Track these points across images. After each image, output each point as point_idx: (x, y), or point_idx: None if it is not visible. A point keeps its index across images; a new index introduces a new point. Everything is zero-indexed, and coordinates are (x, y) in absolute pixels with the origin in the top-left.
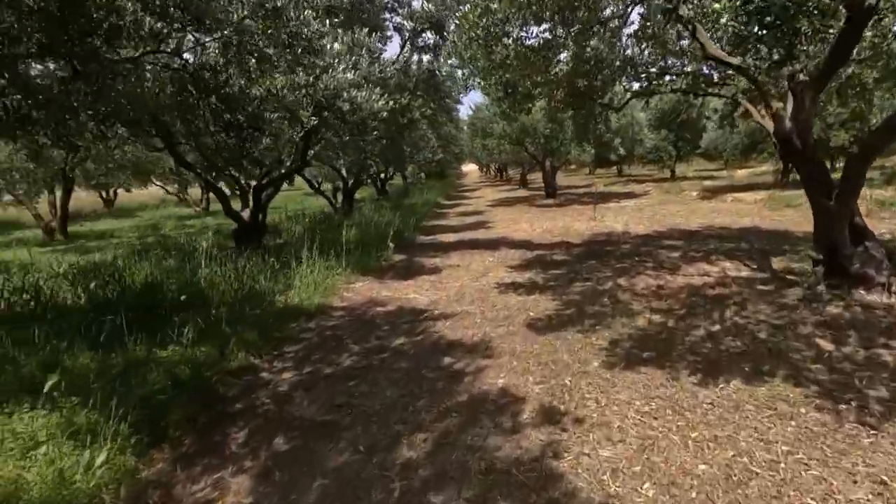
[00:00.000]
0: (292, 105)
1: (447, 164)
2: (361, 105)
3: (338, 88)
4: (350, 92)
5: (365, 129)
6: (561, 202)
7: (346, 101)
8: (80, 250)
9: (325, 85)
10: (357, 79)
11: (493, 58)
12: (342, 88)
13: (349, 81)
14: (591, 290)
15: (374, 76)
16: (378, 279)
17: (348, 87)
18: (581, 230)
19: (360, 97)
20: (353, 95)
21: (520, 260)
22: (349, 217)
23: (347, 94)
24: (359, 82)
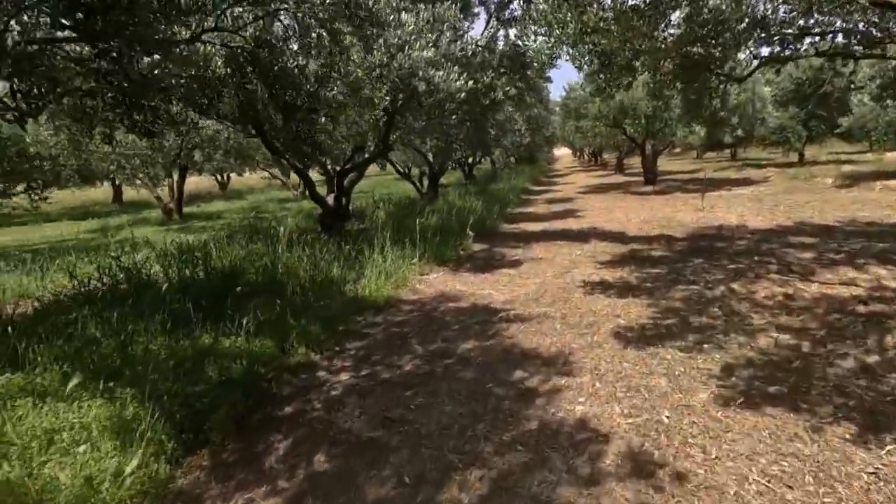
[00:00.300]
0: (357, 84)
1: (537, 149)
2: (439, 85)
3: (413, 67)
4: (427, 71)
5: (442, 111)
6: (662, 189)
7: (421, 81)
8: (190, 230)
9: (400, 64)
10: (435, 57)
11: (586, 20)
12: (418, 67)
13: (426, 60)
14: (696, 296)
15: (455, 54)
16: (454, 270)
17: (425, 66)
18: (685, 222)
19: (437, 77)
20: (431, 75)
21: (611, 255)
22: (433, 203)
23: (423, 73)
24: (437, 61)
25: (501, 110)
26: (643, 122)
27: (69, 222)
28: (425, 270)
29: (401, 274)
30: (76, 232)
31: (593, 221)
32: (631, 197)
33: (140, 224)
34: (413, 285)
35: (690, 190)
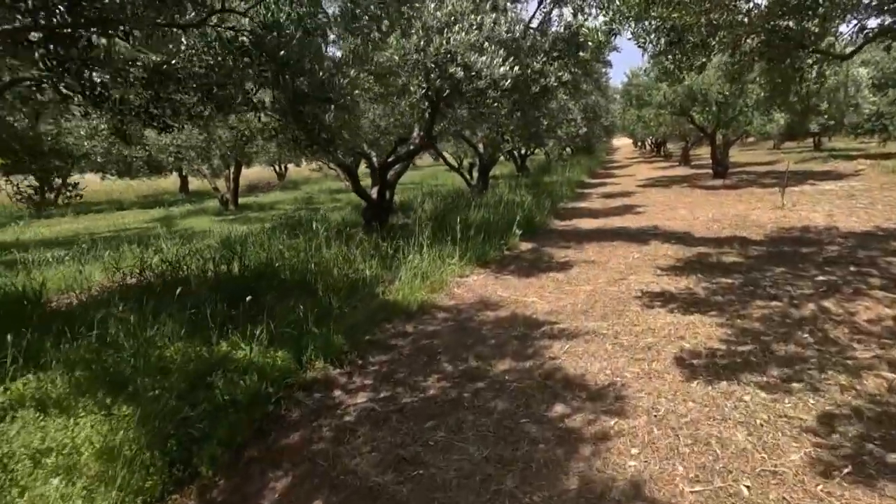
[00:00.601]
0: (386, 70)
1: (595, 139)
2: (481, 72)
3: (452, 52)
4: (467, 56)
5: (484, 100)
6: (733, 184)
7: (459, 67)
8: (243, 220)
9: (436, 48)
10: (477, 40)
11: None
12: (457, 52)
13: (466, 43)
14: (780, 316)
15: (500, 36)
16: (496, 272)
17: (465, 50)
18: (762, 221)
19: (479, 63)
20: (473, 61)
21: (674, 259)
22: (482, 195)
23: (463, 58)
24: (479, 45)
25: (554, 98)
26: (714, 110)
27: (138, 211)
28: (465, 272)
29: (438, 276)
30: (141, 221)
31: (654, 219)
32: (698, 192)
33: (198, 214)
34: (450, 289)
35: (767, 185)
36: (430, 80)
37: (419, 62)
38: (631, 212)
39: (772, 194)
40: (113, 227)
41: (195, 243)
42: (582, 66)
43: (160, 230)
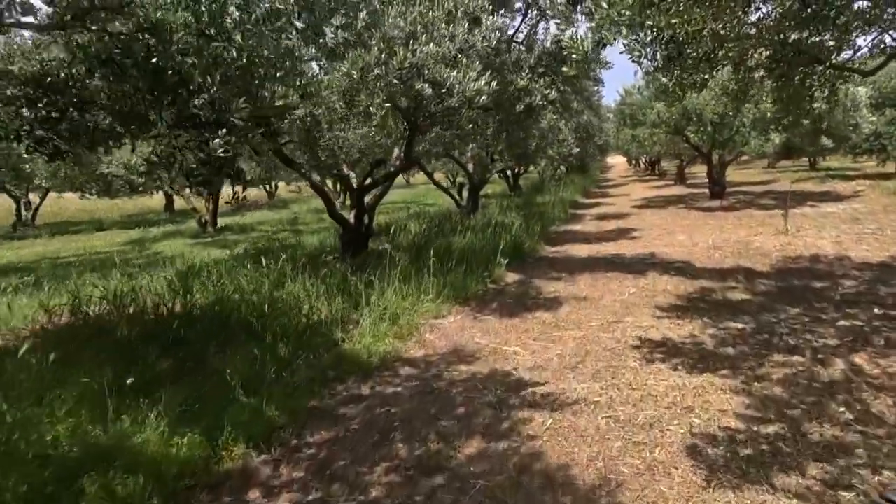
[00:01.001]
0: (342, 87)
1: (589, 157)
2: (452, 88)
3: (417, 66)
4: (437, 70)
5: (457, 119)
6: (731, 205)
7: (426, 83)
8: (219, 244)
9: (399, 62)
10: (448, 52)
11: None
12: (424, 65)
13: (434, 55)
14: (805, 377)
15: (476, 47)
16: (477, 311)
17: (433, 63)
18: (766, 249)
19: (451, 77)
20: (444, 76)
21: (675, 295)
22: (471, 217)
23: (430, 72)
24: (451, 57)
25: (542, 118)
26: (709, 130)
27: (118, 231)
28: (442, 311)
29: (409, 318)
30: (114, 243)
31: (651, 245)
32: (695, 213)
33: (174, 236)
34: (422, 334)
35: (766, 206)
36: (393, 98)
37: (380, 77)
38: (626, 236)
39: (772, 217)
40: (82, 251)
41: (155, 272)
42: (570, 83)
43: (129, 255)
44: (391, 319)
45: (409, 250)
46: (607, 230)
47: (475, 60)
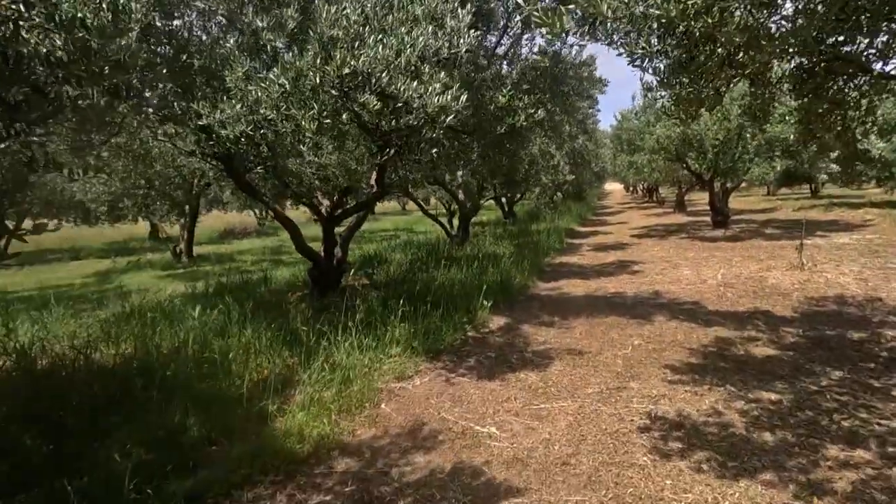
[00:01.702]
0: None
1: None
2: (410, 102)
3: (363, 73)
4: (393, 80)
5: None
6: (736, 234)
7: (374, 95)
8: (189, 276)
9: (337, 66)
10: (408, 60)
11: None
12: (371, 73)
13: (384, 61)
14: (882, 486)
15: (441, 53)
16: (450, 370)
17: (385, 71)
18: (784, 287)
19: (409, 90)
20: (399, 87)
21: (686, 349)
22: (461, 247)
23: (378, 82)
24: (410, 65)
25: (529, 141)
26: (711, 157)
27: (93, 260)
28: (407, 370)
29: (365, 381)
30: (77, 276)
31: (654, 281)
32: (699, 244)
33: (145, 267)
34: (377, 405)
35: (773, 236)
36: (332, 112)
37: (316, 88)
38: (626, 270)
39: (782, 248)
40: (41, 285)
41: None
42: (560, 101)
43: (89, 288)
44: (342, 383)
45: (387, 287)
46: (606, 263)
47: (440, 71)
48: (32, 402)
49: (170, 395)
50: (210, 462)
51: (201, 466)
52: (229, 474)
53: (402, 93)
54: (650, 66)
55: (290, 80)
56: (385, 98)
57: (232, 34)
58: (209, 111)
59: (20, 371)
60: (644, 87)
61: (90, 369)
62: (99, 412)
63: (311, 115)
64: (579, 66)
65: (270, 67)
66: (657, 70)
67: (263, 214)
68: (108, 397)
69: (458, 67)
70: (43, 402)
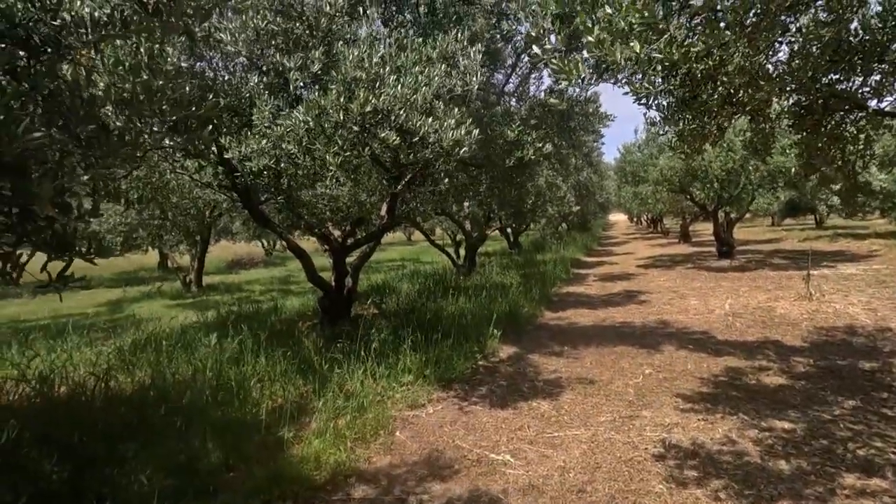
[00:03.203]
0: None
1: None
2: (426, 137)
3: (383, 111)
4: (411, 117)
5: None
6: (742, 265)
7: (393, 131)
8: (199, 306)
9: (360, 105)
10: (424, 98)
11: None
12: (391, 110)
13: (402, 99)
14: None
15: (455, 91)
16: (462, 399)
17: (403, 108)
18: (793, 317)
19: (425, 125)
20: (416, 123)
21: (698, 378)
22: (468, 277)
23: (397, 118)
24: (426, 103)
25: (537, 174)
26: (716, 188)
27: (104, 290)
28: (420, 398)
29: (378, 409)
30: (89, 305)
31: (662, 311)
32: (705, 274)
33: (155, 297)
34: (392, 432)
35: (780, 266)
36: (355, 148)
37: (339, 124)
38: (634, 300)
39: (790, 279)
40: (54, 314)
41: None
42: (567, 136)
43: (101, 317)
44: (357, 410)
45: (396, 316)
46: (613, 293)
47: (454, 108)
48: (52, 427)
49: (187, 422)
50: (229, 488)
51: (220, 491)
52: (248, 500)
53: (419, 128)
54: (654, 103)
55: (314, 117)
56: (403, 133)
57: (253, 73)
58: (235, 145)
59: (40, 397)
60: (648, 121)
61: (108, 396)
62: (116, 439)
63: (335, 150)
64: (585, 103)
65: (294, 106)
66: (661, 107)
67: (271, 245)
68: (124, 424)
69: (468, 104)
70: (62, 428)
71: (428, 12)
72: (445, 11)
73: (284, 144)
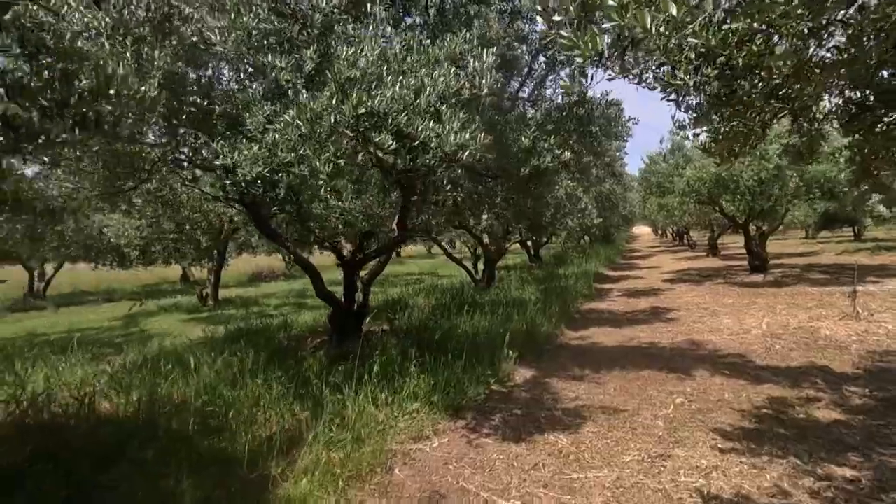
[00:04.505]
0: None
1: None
2: (428, 142)
3: (379, 114)
4: (412, 121)
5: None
6: (776, 280)
7: (390, 135)
8: (214, 320)
9: (353, 107)
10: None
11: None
12: (388, 113)
13: (401, 101)
14: None
15: (464, 95)
16: (472, 430)
17: (402, 112)
18: (839, 339)
19: (427, 130)
20: (417, 128)
21: (737, 409)
22: (486, 292)
23: (395, 122)
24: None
25: (555, 183)
26: (748, 199)
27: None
28: (426, 429)
29: (377, 441)
30: (106, 318)
31: (692, 330)
32: (737, 290)
33: (172, 311)
34: (390, 469)
35: (818, 281)
36: (347, 154)
37: (334, 128)
38: (661, 318)
39: (830, 296)
40: (70, 328)
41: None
42: (588, 142)
43: (114, 331)
44: (354, 441)
45: (408, 334)
46: (638, 310)
47: (459, 111)
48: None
49: (170, 454)
50: None
51: None
52: None
53: (420, 133)
54: (685, 101)
55: (306, 121)
56: (402, 138)
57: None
58: (228, 151)
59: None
60: (676, 125)
61: (92, 421)
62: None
63: (327, 157)
64: (607, 107)
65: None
66: (691, 106)
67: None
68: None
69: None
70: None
71: (437, 13)
72: (455, 12)
73: (279, 152)
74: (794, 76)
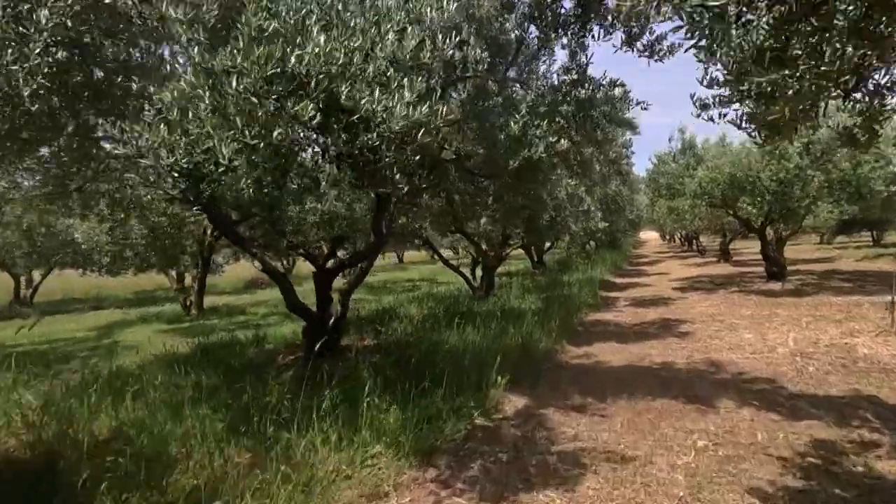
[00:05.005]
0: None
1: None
2: (369, 116)
3: (299, 76)
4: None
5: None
6: (796, 288)
7: (312, 104)
8: (193, 331)
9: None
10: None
11: None
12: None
13: (332, 61)
14: None
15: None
16: (443, 483)
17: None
18: (882, 359)
19: (367, 100)
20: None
21: (777, 460)
22: (483, 301)
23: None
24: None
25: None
26: (769, 199)
27: (111, 312)
28: (387, 482)
29: (323, 499)
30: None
31: (710, 347)
32: (754, 299)
33: (152, 320)
34: None
35: (842, 290)
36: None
37: (237, 95)
38: (674, 332)
39: (859, 307)
40: (44, 338)
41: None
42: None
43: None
44: (299, 493)
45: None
46: (648, 321)
47: (416, 78)
48: None
49: None
50: None
51: None
52: None
53: (361, 104)
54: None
55: (207, 87)
56: (335, 110)
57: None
58: (137, 136)
59: None
60: (697, 105)
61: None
62: None
63: (231, 134)
64: (610, 86)
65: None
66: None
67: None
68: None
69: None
70: None
71: None
72: None
73: (191, 130)
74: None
